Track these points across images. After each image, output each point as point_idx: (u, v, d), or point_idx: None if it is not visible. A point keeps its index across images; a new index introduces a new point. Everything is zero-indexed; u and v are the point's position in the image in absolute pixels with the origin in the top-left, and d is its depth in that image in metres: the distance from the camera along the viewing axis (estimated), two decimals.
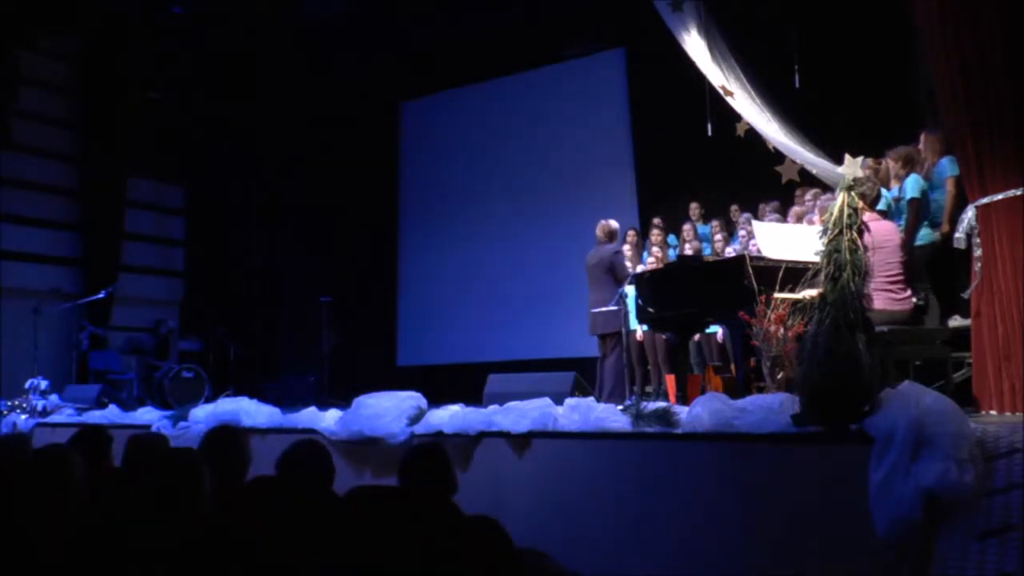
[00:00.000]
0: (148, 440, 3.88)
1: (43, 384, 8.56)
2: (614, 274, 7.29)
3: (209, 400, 8.32)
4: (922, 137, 6.09)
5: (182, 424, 6.82)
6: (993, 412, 4.39)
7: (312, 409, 6.55)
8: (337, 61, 11.90)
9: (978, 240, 4.60)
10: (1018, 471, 3.35)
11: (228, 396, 7.65)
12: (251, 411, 6.56)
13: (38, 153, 10.83)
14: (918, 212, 5.74)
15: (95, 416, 7.83)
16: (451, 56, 11.81)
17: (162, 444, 3.89)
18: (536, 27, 11.04)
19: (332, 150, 12.92)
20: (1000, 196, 4.42)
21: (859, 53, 8.27)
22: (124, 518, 2.45)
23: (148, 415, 7.46)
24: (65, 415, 8.23)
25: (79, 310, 10.24)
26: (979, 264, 4.58)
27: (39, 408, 8.33)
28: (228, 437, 3.43)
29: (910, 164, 5.88)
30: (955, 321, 5.43)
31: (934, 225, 5.79)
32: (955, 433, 3.45)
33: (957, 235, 4.81)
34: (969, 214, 4.70)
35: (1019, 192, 4.35)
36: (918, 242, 5.73)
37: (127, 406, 8.47)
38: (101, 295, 9.91)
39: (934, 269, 5.69)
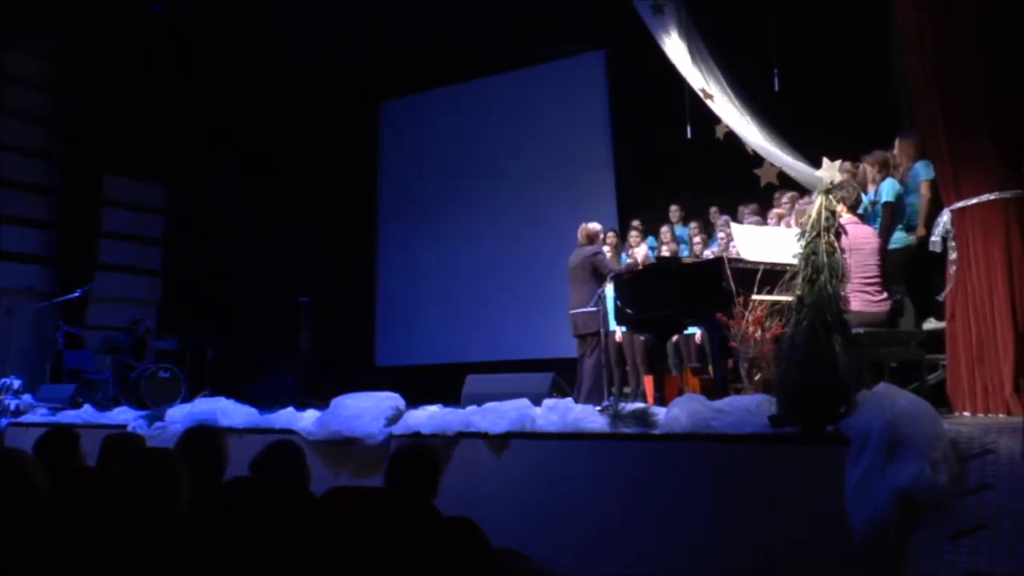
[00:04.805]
0: (124, 440, 3.83)
1: (16, 384, 8.45)
2: (597, 273, 7.28)
3: (186, 400, 8.26)
4: (897, 142, 6.15)
5: (158, 424, 6.75)
6: (966, 413, 4.44)
7: (290, 409, 6.50)
8: (318, 60, 11.83)
9: (953, 244, 4.65)
10: (990, 472, 3.39)
11: (205, 396, 7.59)
12: (228, 411, 6.50)
13: (13, 149, 10.68)
14: (892, 215, 5.79)
15: (69, 416, 7.73)
16: (432, 56, 11.77)
17: (138, 444, 3.85)
18: (517, 28, 11.02)
19: (312, 149, 12.85)
20: (975, 200, 4.47)
21: (837, 57, 8.34)
22: (98, 518, 2.43)
23: (123, 415, 7.37)
24: (39, 415, 8.12)
25: (54, 309, 10.12)
26: (954, 267, 4.63)
27: (12, 408, 8.22)
28: (205, 437, 3.41)
29: (885, 168, 5.95)
30: (930, 323, 5.49)
31: (909, 228, 5.84)
32: (929, 434, 3.49)
33: (933, 239, 4.87)
34: (944, 218, 4.76)
35: (993, 196, 4.41)
36: (893, 245, 5.78)
37: (102, 406, 8.38)
38: (76, 294, 9.80)
39: (909, 272, 5.74)
